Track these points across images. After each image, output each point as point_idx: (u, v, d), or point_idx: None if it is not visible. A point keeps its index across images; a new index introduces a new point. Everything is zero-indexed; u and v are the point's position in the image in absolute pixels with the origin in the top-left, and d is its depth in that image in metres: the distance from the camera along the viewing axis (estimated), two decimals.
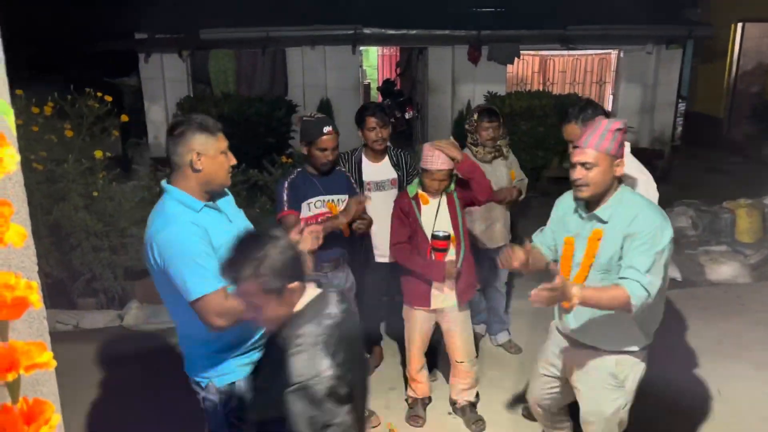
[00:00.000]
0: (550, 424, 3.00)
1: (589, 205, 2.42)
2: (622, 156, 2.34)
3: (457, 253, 3.29)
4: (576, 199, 2.48)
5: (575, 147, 2.37)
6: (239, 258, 1.71)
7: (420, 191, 3.30)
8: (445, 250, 3.24)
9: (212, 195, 2.20)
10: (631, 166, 2.87)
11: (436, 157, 3.12)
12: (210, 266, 2.00)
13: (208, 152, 2.10)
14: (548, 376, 2.82)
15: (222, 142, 2.14)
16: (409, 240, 3.30)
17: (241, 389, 2.24)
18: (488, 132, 3.91)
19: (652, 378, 3.90)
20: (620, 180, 2.40)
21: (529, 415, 3.56)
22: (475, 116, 3.99)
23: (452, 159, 3.14)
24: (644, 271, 2.21)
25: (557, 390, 2.81)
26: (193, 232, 2.04)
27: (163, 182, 2.20)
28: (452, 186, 3.31)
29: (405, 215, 3.30)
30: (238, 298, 1.90)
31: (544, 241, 2.71)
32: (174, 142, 2.10)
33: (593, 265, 2.40)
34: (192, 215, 2.09)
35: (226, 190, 2.30)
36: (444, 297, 3.33)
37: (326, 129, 3.07)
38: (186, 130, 2.09)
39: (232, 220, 2.25)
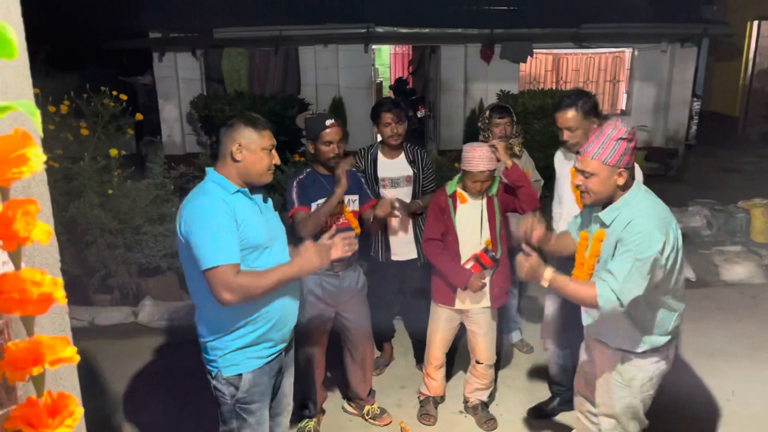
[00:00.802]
0: (587, 417, 2.98)
1: (603, 206, 2.44)
2: (626, 166, 2.30)
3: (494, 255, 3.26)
4: (582, 202, 2.53)
5: (577, 152, 2.43)
6: None
7: (459, 190, 3.26)
8: (485, 268, 3.21)
9: (250, 187, 2.30)
10: None
11: (479, 158, 3.08)
12: (229, 240, 2.10)
13: (250, 146, 2.22)
14: (583, 365, 2.86)
15: (266, 140, 2.26)
16: (441, 237, 3.28)
17: (249, 382, 2.27)
18: (500, 128, 3.90)
19: (665, 377, 3.90)
20: (629, 185, 2.37)
21: (537, 415, 3.55)
22: (487, 113, 4.00)
23: (499, 161, 3.15)
24: (619, 278, 2.23)
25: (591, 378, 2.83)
26: (220, 206, 2.13)
27: (208, 168, 2.32)
28: (494, 189, 3.26)
29: (440, 212, 3.28)
30: (251, 277, 2.06)
31: (573, 227, 2.75)
32: (223, 132, 2.26)
33: (596, 265, 2.44)
34: (224, 194, 2.19)
35: (263, 189, 2.40)
36: (471, 298, 3.31)
37: (329, 122, 3.09)
38: (235, 123, 2.25)
39: (263, 212, 2.33)
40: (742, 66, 11.08)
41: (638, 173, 2.96)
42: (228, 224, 2.12)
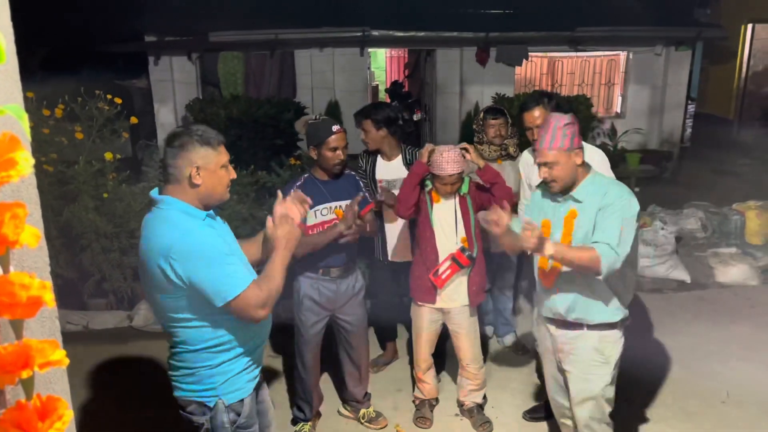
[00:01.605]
0: (566, 417, 3.00)
1: (566, 190, 2.62)
2: (578, 146, 2.54)
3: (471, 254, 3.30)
4: (552, 192, 2.67)
5: (534, 150, 2.66)
6: None
7: (433, 189, 3.32)
8: (463, 267, 3.24)
9: (208, 207, 2.12)
10: (591, 153, 3.18)
11: (446, 162, 3.12)
12: (237, 263, 2.03)
13: (208, 166, 2.01)
14: (552, 368, 2.89)
15: (223, 156, 2.06)
16: (415, 207, 3.29)
17: (249, 405, 2.20)
18: (494, 129, 3.93)
19: (661, 380, 3.91)
20: (587, 165, 2.61)
21: (531, 419, 3.56)
22: (481, 114, 4.06)
23: (477, 165, 3.23)
24: (613, 237, 2.42)
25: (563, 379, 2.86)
26: (213, 234, 2.03)
27: (154, 193, 2.08)
28: (465, 188, 3.31)
29: (418, 209, 3.32)
30: (267, 282, 1.99)
31: (518, 224, 2.80)
32: (173, 153, 2.01)
33: (571, 243, 2.57)
34: (198, 223, 2.03)
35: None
36: (451, 297, 3.33)
37: (335, 128, 3.07)
38: (186, 142, 2.00)
39: (221, 234, 2.18)
40: (736, 69, 11.12)
41: (605, 164, 3.24)
42: (227, 247, 2.03)
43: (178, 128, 2.11)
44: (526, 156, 3.66)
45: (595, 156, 3.20)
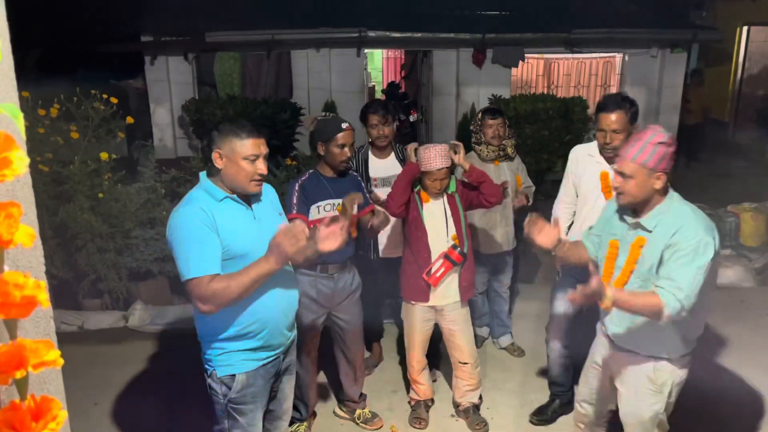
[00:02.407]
0: (589, 428, 2.96)
1: (635, 211, 2.44)
2: (663, 170, 2.34)
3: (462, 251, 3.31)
4: (618, 203, 2.50)
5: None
6: None
7: (422, 189, 3.34)
8: (455, 264, 3.25)
9: (244, 194, 2.28)
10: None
11: (434, 157, 3.15)
12: (204, 251, 2.10)
13: (230, 155, 2.18)
14: (594, 377, 2.81)
15: (248, 149, 2.19)
16: (405, 206, 3.31)
17: (242, 383, 2.28)
18: (492, 129, 3.93)
19: None
20: (667, 190, 2.42)
21: (539, 420, 3.54)
22: (479, 115, 4.05)
23: (462, 168, 3.24)
24: (682, 285, 2.22)
25: (602, 390, 2.80)
26: (198, 216, 2.12)
27: (202, 173, 2.30)
28: (453, 187, 3.34)
29: (409, 208, 3.34)
30: (224, 282, 2.06)
31: (590, 239, 2.73)
32: (211, 138, 2.23)
33: (634, 272, 2.43)
34: (208, 202, 2.17)
35: (265, 192, 2.40)
36: (443, 294, 3.34)
37: (344, 125, 3.11)
38: (220, 128, 2.23)
39: (257, 218, 2.30)
40: (731, 71, 11.17)
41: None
42: (205, 235, 2.11)
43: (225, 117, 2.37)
44: (578, 152, 3.46)
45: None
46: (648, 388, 2.52)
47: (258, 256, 2.17)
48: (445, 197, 3.32)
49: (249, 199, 2.31)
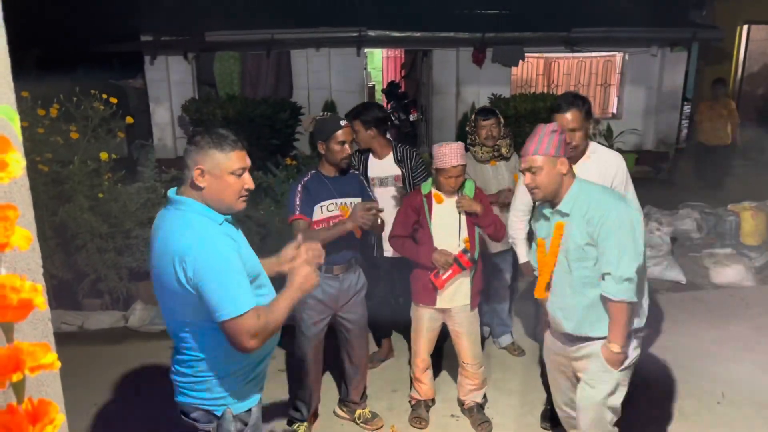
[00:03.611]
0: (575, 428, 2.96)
1: (552, 205, 2.61)
2: (563, 155, 2.52)
3: (472, 254, 3.30)
4: (540, 205, 2.66)
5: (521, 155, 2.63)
6: None
7: (434, 191, 3.31)
8: (463, 268, 3.24)
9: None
10: (609, 157, 3.22)
11: (450, 154, 3.13)
12: (245, 283, 1.93)
13: (214, 170, 1.94)
14: (562, 379, 2.86)
15: (235, 162, 1.96)
16: (410, 236, 3.35)
17: (255, 416, 2.16)
18: (486, 130, 3.92)
19: (656, 380, 3.91)
20: (573, 174, 2.58)
21: (550, 427, 3.46)
22: (473, 116, 4.05)
23: (475, 213, 3.27)
24: (614, 261, 2.43)
25: (573, 388, 2.82)
26: (231, 246, 1.94)
27: (171, 192, 2.04)
28: (470, 191, 3.30)
29: (414, 212, 3.32)
30: (266, 311, 1.91)
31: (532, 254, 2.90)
32: (186, 152, 1.98)
33: (566, 258, 2.57)
34: (216, 228, 1.96)
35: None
36: (451, 297, 3.33)
37: (343, 122, 3.12)
38: (198, 142, 1.96)
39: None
40: (731, 70, 11.16)
41: (622, 168, 3.22)
42: (240, 265, 1.94)
43: (198, 128, 2.08)
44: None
45: (612, 160, 3.19)
46: (601, 367, 2.60)
47: (261, 274, 2.10)
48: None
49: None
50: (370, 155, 3.86)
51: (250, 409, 2.13)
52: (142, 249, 4.88)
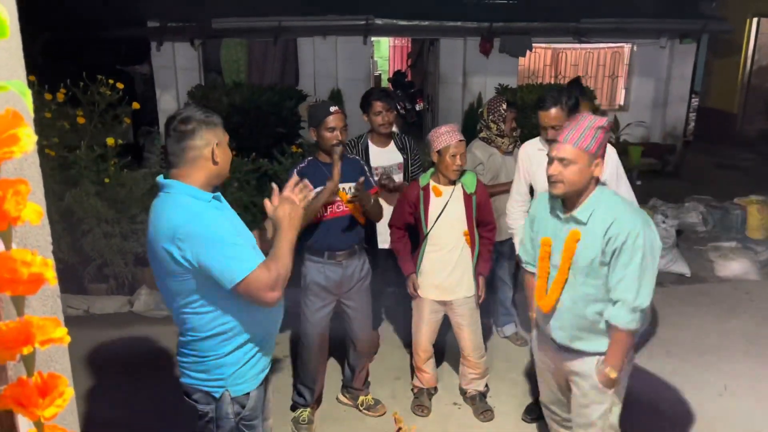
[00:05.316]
0: (561, 426, 2.89)
1: (566, 205, 2.35)
2: (602, 156, 2.26)
3: (472, 248, 3.30)
4: (551, 196, 2.39)
5: (554, 141, 2.34)
6: None
7: (433, 183, 3.28)
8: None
9: (215, 187, 2.13)
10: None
11: (450, 132, 3.14)
12: (245, 245, 2.00)
13: (222, 143, 2.07)
14: (551, 378, 2.76)
15: (224, 134, 2.11)
16: (406, 227, 3.36)
17: (255, 398, 2.18)
18: (512, 122, 3.91)
19: (659, 373, 3.92)
20: (598, 180, 2.33)
21: (531, 420, 3.47)
22: (504, 106, 3.89)
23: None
24: (632, 288, 2.21)
25: (562, 389, 2.75)
26: (220, 216, 2.02)
27: (160, 178, 2.08)
28: (472, 187, 3.26)
29: (410, 206, 3.31)
30: (275, 261, 1.96)
31: (530, 256, 2.66)
32: (187, 136, 2.01)
33: (572, 269, 2.35)
34: (206, 205, 2.03)
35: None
36: (452, 289, 3.34)
37: (332, 108, 3.12)
38: (202, 122, 2.03)
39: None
40: (740, 63, 11.08)
41: (612, 160, 3.07)
42: (232, 228, 2.02)
43: (183, 115, 2.06)
44: (528, 149, 3.47)
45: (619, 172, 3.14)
46: (595, 386, 2.43)
47: (253, 246, 2.13)
48: (461, 195, 3.26)
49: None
50: (370, 144, 3.81)
51: (248, 393, 2.15)
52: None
